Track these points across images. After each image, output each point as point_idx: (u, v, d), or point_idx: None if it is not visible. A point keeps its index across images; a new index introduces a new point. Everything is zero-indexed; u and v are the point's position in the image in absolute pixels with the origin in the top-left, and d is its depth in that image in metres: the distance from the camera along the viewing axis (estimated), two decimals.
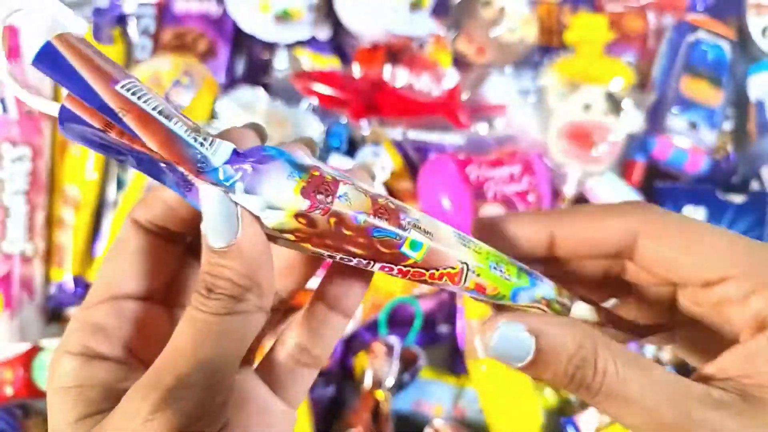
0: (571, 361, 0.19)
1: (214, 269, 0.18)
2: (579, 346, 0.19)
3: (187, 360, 0.18)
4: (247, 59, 0.63)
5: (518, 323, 0.20)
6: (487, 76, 0.62)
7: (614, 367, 0.19)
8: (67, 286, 0.57)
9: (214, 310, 0.18)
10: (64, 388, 0.20)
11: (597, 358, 0.19)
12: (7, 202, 0.55)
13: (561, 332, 0.19)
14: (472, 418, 0.56)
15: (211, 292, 0.18)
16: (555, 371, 0.19)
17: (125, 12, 0.63)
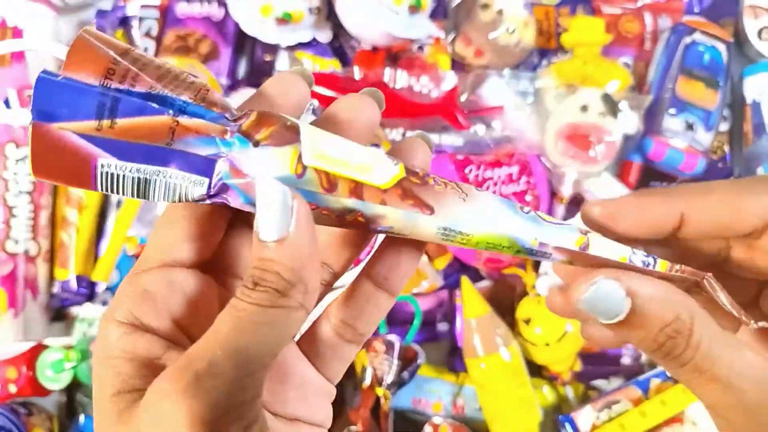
0: (664, 330, 0.19)
1: (263, 263, 0.18)
2: (675, 317, 0.19)
3: (222, 347, 0.17)
4: (249, 61, 0.64)
5: (617, 282, 0.19)
6: (485, 78, 0.62)
7: (708, 343, 0.19)
8: (70, 285, 0.58)
9: (257, 302, 0.18)
10: (107, 357, 0.19)
11: (692, 332, 0.19)
12: (11, 202, 0.56)
13: (659, 299, 0.19)
14: (471, 415, 0.57)
15: (257, 285, 0.18)
16: (645, 336, 0.19)
17: (128, 14, 0.63)
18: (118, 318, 0.20)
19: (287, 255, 0.18)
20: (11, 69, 0.57)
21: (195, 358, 0.17)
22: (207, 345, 0.18)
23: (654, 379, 0.56)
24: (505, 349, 0.55)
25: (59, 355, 0.54)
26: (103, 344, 0.20)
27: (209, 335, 0.18)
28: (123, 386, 0.19)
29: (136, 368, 0.19)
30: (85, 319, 0.59)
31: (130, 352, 0.19)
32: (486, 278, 0.61)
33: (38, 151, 0.18)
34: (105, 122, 0.18)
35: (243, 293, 0.18)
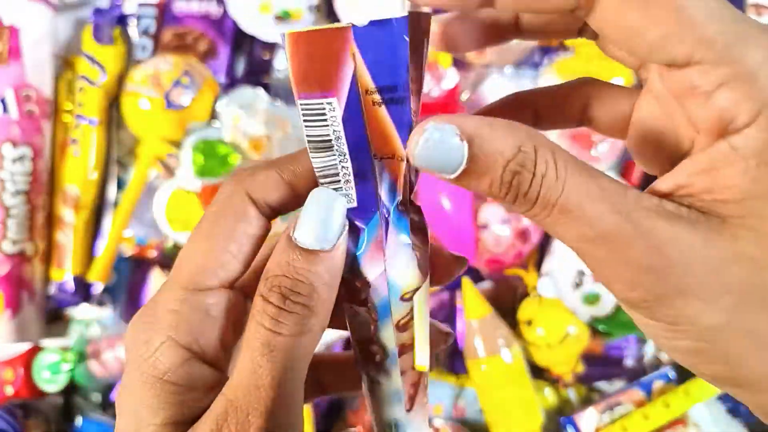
0: (509, 166, 0.16)
1: (296, 271, 0.17)
2: (518, 149, 0.16)
3: (272, 398, 0.17)
4: (248, 59, 0.63)
5: (449, 125, 0.16)
6: (486, 76, 0.62)
7: (554, 171, 0.16)
8: (67, 286, 0.57)
9: (290, 332, 0.17)
10: (163, 381, 0.18)
11: (537, 161, 0.16)
12: (7, 202, 0.55)
13: (498, 135, 0.16)
14: (472, 417, 0.56)
15: (287, 300, 0.17)
16: (492, 180, 0.17)
17: (126, 12, 0.63)
18: (181, 342, 0.18)
19: (323, 268, 0.17)
20: (8, 68, 0.56)
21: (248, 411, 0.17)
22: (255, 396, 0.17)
23: (657, 381, 0.56)
24: (506, 351, 0.54)
25: (56, 357, 0.54)
26: (159, 365, 0.18)
27: (252, 384, 0.17)
28: (178, 416, 0.18)
29: (193, 400, 0.18)
30: (82, 320, 0.59)
31: (191, 381, 0.18)
32: (487, 279, 0.60)
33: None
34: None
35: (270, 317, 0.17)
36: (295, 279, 0.17)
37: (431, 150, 0.17)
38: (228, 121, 0.57)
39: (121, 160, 0.61)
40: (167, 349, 0.18)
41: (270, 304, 0.17)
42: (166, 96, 0.55)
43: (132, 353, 0.18)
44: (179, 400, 0.18)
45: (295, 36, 0.18)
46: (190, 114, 0.57)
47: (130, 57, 0.62)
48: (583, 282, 0.54)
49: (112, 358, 0.54)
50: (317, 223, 0.18)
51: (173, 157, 0.57)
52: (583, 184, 0.16)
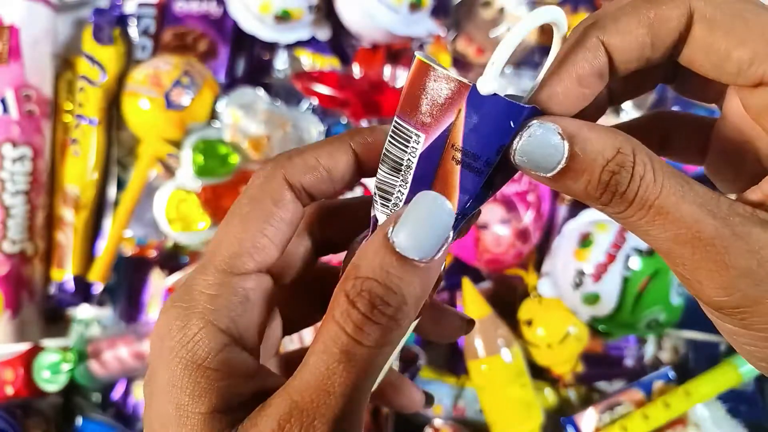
0: (607, 166, 0.17)
1: (390, 279, 0.16)
2: (617, 151, 0.17)
3: (341, 406, 0.16)
4: (248, 59, 0.63)
5: (551, 124, 0.17)
6: None
7: (652, 173, 0.17)
8: (67, 285, 0.57)
9: (373, 343, 0.16)
10: (203, 367, 0.17)
11: (635, 163, 0.17)
12: (7, 202, 0.55)
13: (598, 136, 0.17)
14: (472, 417, 0.56)
15: (374, 309, 0.16)
16: (589, 179, 0.17)
17: (126, 12, 0.63)
18: (220, 326, 0.17)
19: (419, 280, 0.16)
20: (8, 68, 0.56)
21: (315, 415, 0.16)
22: (325, 401, 0.16)
23: (657, 381, 0.55)
24: (506, 351, 0.54)
25: (56, 356, 0.54)
26: (200, 352, 0.17)
27: (321, 384, 0.16)
28: (221, 405, 0.17)
29: (234, 387, 0.17)
30: (82, 320, 0.59)
31: (230, 367, 0.17)
32: (487, 279, 0.60)
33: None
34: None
35: (355, 324, 0.16)
36: (388, 288, 0.16)
37: (533, 146, 0.17)
38: (228, 121, 0.57)
39: (121, 160, 0.61)
40: (206, 334, 0.17)
41: (356, 309, 0.16)
42: (166, 96, 0.55)
43: (166, 339, 0.17)
44: (220, 387, 0.17)
45: (424, 67, 0.18)
46: (190, 114, 0.57)
47: (130, 57, 0.62)
48: (583, 282, 0.54)
49: (112, 358, 0.54)
50: (421, 229, 0.16)
51: (173, 157, 0.57)
52: (680, 187, 0.16)
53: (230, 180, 0.56)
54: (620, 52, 0.18)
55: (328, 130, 0.60)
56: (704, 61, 0.18)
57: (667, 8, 0.17)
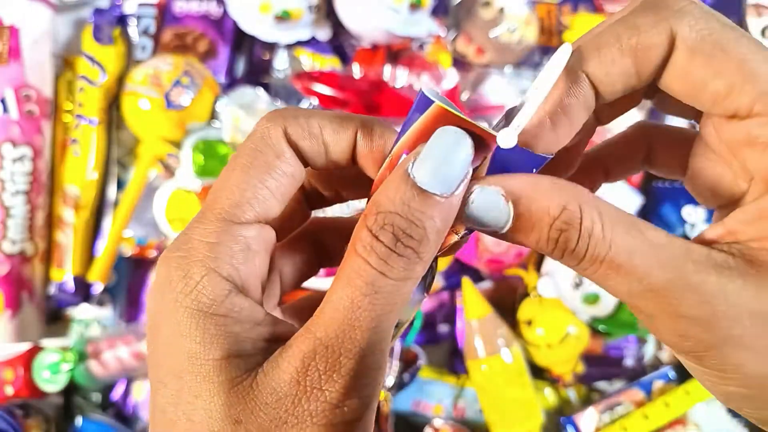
0: (555, 224, 0.17)
1: (412, 213, 0.16)
2: (562, 208, 0.17)
3: (367, 339, 0.16)
4: (248, 59, 0.63)
5: (494, 187, 0.17)
6: (486, 76, 0.62)
7: (601, 228, 0.17)
8: (67, 286, 0.57)
9: (397, 276, 0.16)
10: (211, 315, 0.17)
11: (583, 219, 0.17)
12: (7, 202, 0.55)
13: (543, 194, 0.17)
14: (472, 417, 0.56)
15: (399, 242, 0.16)
16: (538, 237, 0.17)
17: (126, 12, 0.63)
18: (222, 273, 0.17)
19: (441, 215, 0.16)
20: (8, 68, 0.56)
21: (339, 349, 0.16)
22: (349, 333, 0.16)
23: (657, 381, 0.56)
24: (506, 351, 0.54)
25: (56, 356, 0.54)
26: (205, 299, 0.17)
27: (348, 320, 0.16)
28: (234, 350, 0.17)
29: (245, 330, 0.17)
30: (82, 320, 0.59)
31: (238, 313, 0.17)
32: (487, 279, 0.60)
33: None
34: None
35: (379, 257, 0.16)
36: (410, 221, 0.16)
37: (480, 210, 0.17)
38: (228, 121, 0.57)
39: (121, 160, 0.61)
40: (209, 282, 0.17)
41: (380, 242, 0.16)
42: (166, 96, 0.55)
43: (167, 291, 0.17)
44: (230, 333, 0.17)
45: (443, 113, 0.17)
46: (190, 114, 0.57)
47: (130, 57, 0.62)
48: (583, 282, 0.54)
49: (112, 358, 0.54)
50: (441, 164, 0.16)
51: (173, 157, 0.57)
52: (631, 240, 0.16)
53: None
54: (605, 84, 0.18)
55: None
56: (682, 88, 0.18)
57: (648, 35, 0.17)
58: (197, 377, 0.16)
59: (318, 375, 0.16)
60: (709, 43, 0.17)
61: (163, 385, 0.17)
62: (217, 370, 0.16)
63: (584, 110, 0.18)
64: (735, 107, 0.17)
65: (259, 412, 0.16)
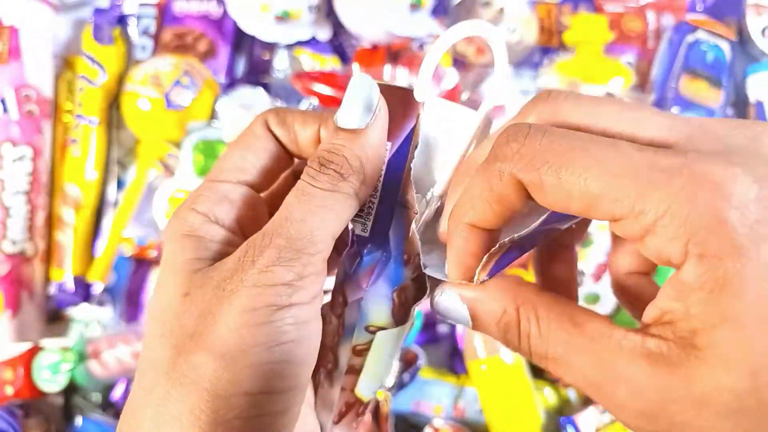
0: (499, 325, 0.20)
1: (334, 147, 0.21)
2: (503, 311, 0.19)
3: (296, 227, 0.20)
4: (248, 59, 0.63)
5: (453, 293, 0.21)
6: (486, 76, 0.62)
7: (537, 329, 0.18)
8: (67, 286, 0.57)
9: (322, 186, 0.21)
10: (186, 235, 0.22)
11: (520, 321, 0.19)
12: (7, 202, 0.55)
13: (489, 299, 0.20)
14: (472, 417, 0.56)
15: (323, 167, 0.21)
16: (493, 333, 0.20)
17: (126, 12, 0.63)
18: (198, 209, 0.22)
19: (357, 144, 0.21)
20: (8, 67, 0.56)
21: (274, 234, 0.20)
22: (282, 224, 0.20)
23: None
24: (506, 351, 0.54)
25: (56, 357, 0.54)
26: (181, 225, 0.22)
27: (282, 216, 0.20)
28: (203, 255, 0.21)
29: (215, 246, 0.22)
30: (82, 320, 0.59)
31: (210, 234, 0.22)
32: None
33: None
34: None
35: (309, 175, 0.21)
36: (332, 152, 0.21)
37: (444, 309, 0.21)
38: (228, 121, 0.57)
39: (121, 160, 0.61)
40: (189, 214, 0.22)
41: (311, 168, 0.21)
42: (166, 96, 0.55)
43: (168, 227, 0.23)
44: (199, 246, 0.21)
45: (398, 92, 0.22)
46: (190, 114, 0.57)
47: (130, 57, 0.62)
48: (582, 282, 0.54)
49: (112, 358, 0.54)
50: (353, 106, 0.21)
51: (173, 157, 0.57)
52: (566, 337, 0.18)
53: None
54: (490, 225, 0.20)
55: None
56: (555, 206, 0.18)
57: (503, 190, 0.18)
58: (170, 273, 0.21)
59: (253, 251, 0.20)
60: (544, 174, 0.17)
61: (154, 286, 0.22)
62: (183, 265, 0.21)
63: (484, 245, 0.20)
64: (602, 214, 0.17)
65: (205, 287, 0.20)
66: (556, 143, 0.17)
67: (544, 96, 0.20)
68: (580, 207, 0.17)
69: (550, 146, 0.17)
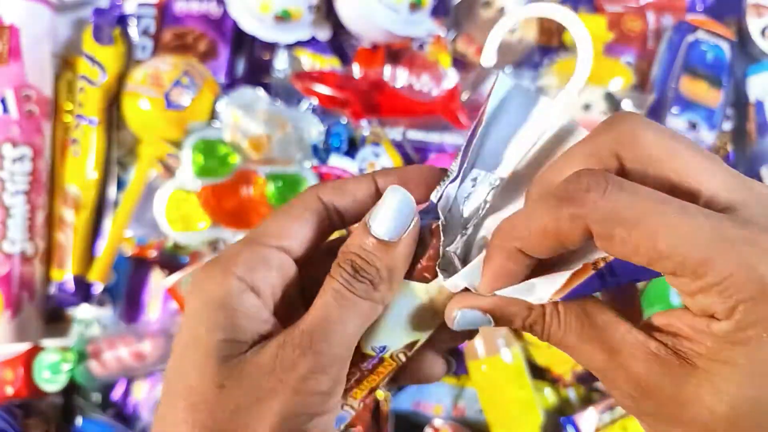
0: (525, 322, 0.21)
1: (368, 255, 0.21)
2: (529, 311, 0.21)
3: (336, 331, 0.21)
4: (248, 59, 0.63)
5: (472, 311, 0.22)
6: (486, 76, 0.62)
7: (558, 322, 0.21)
8: (67, 286, 0.57)
9: (357, 293, 0.21)
10: (220, 306, 0.21)
11: (546, 316, 0.21)
12: (7, 202, 0.55)
13: (512, 303, 0.21)
14: (472, 417, 0.56)
15: (357, 273, 0.21)
16: (516, 326, 0.22)
17: (126, 12, 0.63)
18: (238, 274, 0.21)
19: (391, 257, 0.22)
20: (8, 68, 0.56)
21: (315, 336, 0.21)
22: (323, 326, 0.21)
23: None
24: (506, 351, 0.54)
25: (56, 356, 0.54)
26: (215, 290, 0.21)
27: (322, 317, 0.21)
28: (235, 335, 0.21)
29: (250, 323, 0.21)
30: (82, 320, 0.59)
31: (247, 307, 0.21)
32: None
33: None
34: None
35: (344, 278, 0.21)
36: (364, 260, 0.22)
37: (465, 324, 0.22)
38: (228, 121, 0.57)
39: (121, 160, 0.61)
40: (225, 278, 0.21)
41: (344, 270, 0.21)
42: (166, 96, 0.55)
43: (193, 285, 0.22)
44: (233, 323, 0.21)
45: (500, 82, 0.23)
46: (190, 114, 0.57)
47: (130, 57, 0.62)
48: None
49: (112, 358, 0.54)
50: (389, 219, 0.22)
51: (173, 157, 0.57)
52: (580, 329, 0.20)
53: (230, 180, 0.56)
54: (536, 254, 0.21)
55: (328, 130, 0.60)
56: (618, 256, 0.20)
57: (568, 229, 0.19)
58: (197, 352, 0.21)
59: (293, 351, 0.20)
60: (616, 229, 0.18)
61: (173, 356, 0.22)
62: (215, 349, 0.20)
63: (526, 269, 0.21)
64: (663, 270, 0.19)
65: (241, 380, 0.20)
66: (633, 202, 0.18)
67: (625, 118, 0.20)
68: (644, 261, 0.18)
69: (627, 203, 0.18)
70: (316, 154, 0.60)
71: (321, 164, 0.59)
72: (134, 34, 0.62)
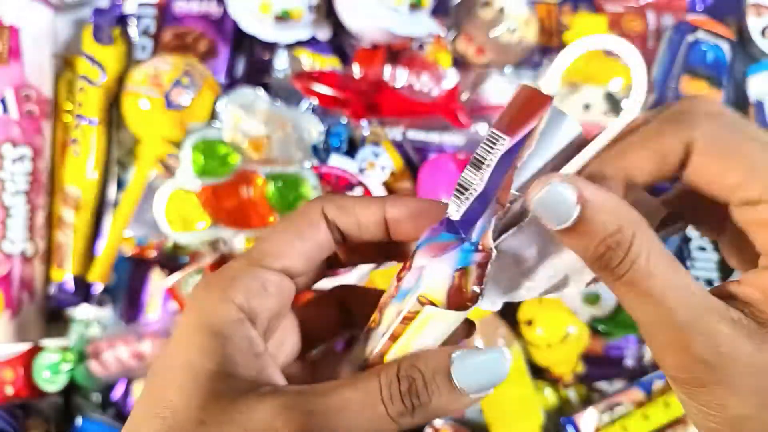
0: (605, 240, 0.18)
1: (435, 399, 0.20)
2: (618, 229, 0.18)
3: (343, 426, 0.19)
4: (248, 59, 0.63)
5: (571, 186, 0.19)
6: (486, 76, 0.62)
7: (645, 258, 0.18)
8: (67, 286, 0.57)
9: (392, 413, 0.19)
10: (214, 333, 0.20)
11: (632, 246, 0.18)
12: (7, 202, 0.55)
13: (609, 208, 0.19)
14: (472, 417, 0.56)
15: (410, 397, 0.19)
16: (587, 245, 0.19)
17: (126, 12, 0.63)
18: (237, 301, 0.20)
19: (455, 408, 0.20)
20: (8, 68, 0.56)
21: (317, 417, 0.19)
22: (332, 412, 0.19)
23: (657, 380, 0.55)
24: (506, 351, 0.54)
25: (56, 356, 0.54)
26: (210, 315, 0.20)
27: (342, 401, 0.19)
28: (228, 368, 0.20)
29: (243, 356, 0.20)
30: (82, 320, 0.59)
31: (242, 338, 0.20)
32: None
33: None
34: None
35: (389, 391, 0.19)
36: (425, 391, 0.19)
37: (549, 200, 0.19)
38: (228, 121, 0.57)
39: (121, 160, 0.61)
40: (221, 303, 0.20)
41: (401, 400, 0.19)
42: (166, 96, 0.55)
43: (188, 306, 0.21)
44: (227, 353, 0.20)
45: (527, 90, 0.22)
46: (190, 114, 0.57)
47: (130, 57, 0.62)
48: None
49: (112, 358, 0.54)
50: (478, 379, 0.20)
51: (173, 157, 0.57)
52: (669, 276, 0.19)
53: (230, 180, 0.56)
54: (637, 179, 0.21)
55: (328, 130, 0.60)
56: (700, 182, 0.21)
57: (669, 141, 0.20)
58: (186, 375, 0.19)
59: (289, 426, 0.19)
60: (720, 147, 0.20)
61: (158, 366, 0.20)
62: (206, 379, 0.19)
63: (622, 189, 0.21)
64: (747, 197, 0.20)
65: (225, 426, 0.19)
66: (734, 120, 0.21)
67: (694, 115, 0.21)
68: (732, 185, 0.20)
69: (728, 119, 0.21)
70: (316, 154, 0.60)
71: (321, 164, 0.59)
72: (134, 34, 0.62)
